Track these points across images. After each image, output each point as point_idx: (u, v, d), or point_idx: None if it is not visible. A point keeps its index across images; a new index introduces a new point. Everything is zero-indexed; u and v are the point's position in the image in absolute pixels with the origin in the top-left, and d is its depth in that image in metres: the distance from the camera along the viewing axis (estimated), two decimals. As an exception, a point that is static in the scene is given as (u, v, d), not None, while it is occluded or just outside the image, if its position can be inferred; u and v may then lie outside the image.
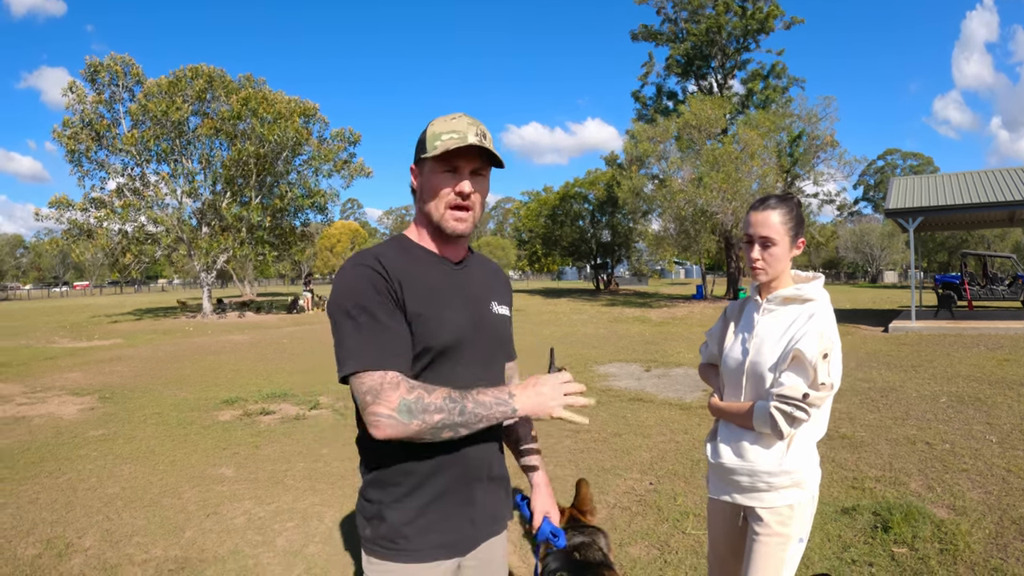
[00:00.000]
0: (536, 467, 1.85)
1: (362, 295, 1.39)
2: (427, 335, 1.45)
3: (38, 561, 3.71)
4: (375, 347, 1.36)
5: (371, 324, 1.38)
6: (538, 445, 1.89)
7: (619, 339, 15.02)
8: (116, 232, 24.18)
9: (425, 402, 1.32)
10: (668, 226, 29.92)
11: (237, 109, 23.83)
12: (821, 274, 2.09)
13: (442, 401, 1.33)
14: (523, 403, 1.39)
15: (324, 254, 59.13)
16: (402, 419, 1.31)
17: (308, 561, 3.68)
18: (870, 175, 78.09)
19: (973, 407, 6.94)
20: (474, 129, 1.45)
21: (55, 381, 10.16)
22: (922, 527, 3.81)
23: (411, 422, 1.31)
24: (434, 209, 1.50)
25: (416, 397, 1.32)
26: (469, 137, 1.43)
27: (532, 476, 1.85)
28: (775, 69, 32.48)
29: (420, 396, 1.32)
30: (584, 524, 2.42)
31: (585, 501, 2.51)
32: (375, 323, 1.38)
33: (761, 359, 1.97)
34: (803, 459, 1.97)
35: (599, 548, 2.27)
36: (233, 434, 6.55)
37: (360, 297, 1.39)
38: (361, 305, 1.39)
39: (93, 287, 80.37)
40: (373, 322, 1.38)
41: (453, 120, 1.47)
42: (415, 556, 1.48)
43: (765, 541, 1.99)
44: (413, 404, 1.31)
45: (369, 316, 1.38)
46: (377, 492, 1.52)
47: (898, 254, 62.34)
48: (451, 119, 1.48)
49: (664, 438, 6.08)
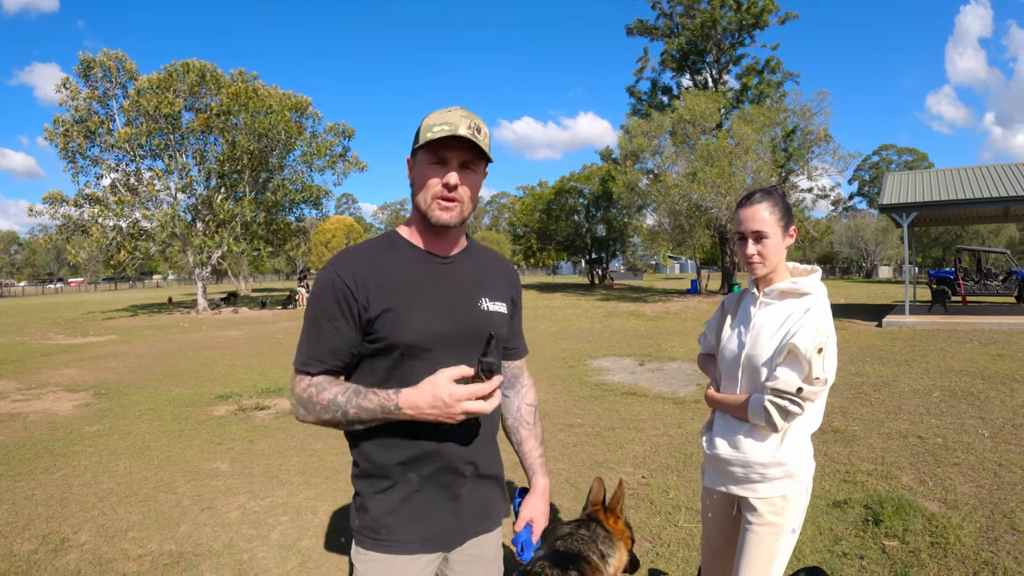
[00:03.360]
0: (536, 471, 1.84)
1: (319, 302, 1.51)
2: (393, 331, 1.47)
3: (34, 556, 3.71)
4: (306, 349, 1.51)
5: (314, 329, 1.51)
6: (541, 449, 1.87)
7: (613, 333, 15.05)
8: (111, 228, 24.10)
9: (313, 400, 1.46)
10: (663, 221, 29.96)
11: (227, 104, 23.75)
12: (818, 267, 2.10)
13: (327, 403, 1.44)
14: (412, 406, 1.40)
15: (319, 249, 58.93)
16: (300, 410, 1.49)
17: (302, 555, 3.69)
18: (865, 170, 78.19)
19: (966, 402, 6.98)
20: (467, 122, 1.44)
21: (50, 377, 10.13)
22: (913, 520, 3.84)
23: (306, 415, 1.48)
24: (422, 200, 1.50)
25: (308, 395, 1.46)
26: (459, 129, 1.42)
27: (532, 480, 1.84)
28: (769, 64, 32.49)
29: (311, 395, 1.46)
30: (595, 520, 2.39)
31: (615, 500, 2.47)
32: (317, 328, 1.51)
33: (757, 352, 1.99)
34: (797, 451, 1.99)
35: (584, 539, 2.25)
36: (228, 429, 6.55)
37: (315, 300, 1.52)
38: (313, 307, 1.52)
39: (87, 284, 79.97)
40: (315, 326, 1.51)
41: (448, 113, 1.47)
42: (398, 547, 1.51)
43: (758, 531, 2.02)
44: (305, 400, 1.47)
45: (314, 320, 1.52)
46: (362, 483, 1.56)
47: (892, 249, 62.54)
48: (446, 112, 1.47)
49: (657, 432, 6.11)
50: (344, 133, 28.56)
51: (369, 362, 1.52)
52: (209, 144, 25.95)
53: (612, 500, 2.44)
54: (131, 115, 23.66)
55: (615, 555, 2.27)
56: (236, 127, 24.46)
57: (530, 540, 1.73)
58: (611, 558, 2.24)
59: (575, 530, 2.29)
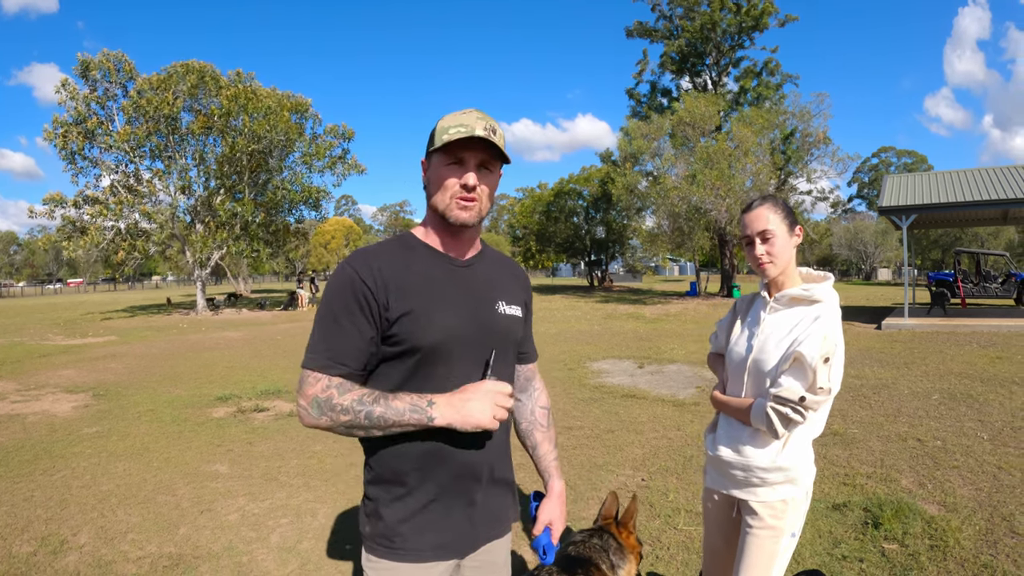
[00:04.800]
0: (552, 475, 1.84)
1: (335, 299, 1.45)
2: (414, 333, 1.44)
3: (33, 558, 3.71)
4: (323, 348, 1.43)
5: (331, 327, 1.45)
6: (556, 452, 1.87)
7: (613, 336, 15.04)
8: (110, 228, 24.09)
9: (333, 402, 1.38)
10: (662, 223, 29.95)
11: (226, 106, 23.75)
12: (831, 275, 2.09)
13: (350, 403, 1.38)
14: (444, 413, 1.38)
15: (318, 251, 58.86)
16: (313, 413, 1.40)
17: (302, 557, 3.69)
18: (864, 172, 78.29)
19: (965, 404, 6.98)
20: (483, 123, 1.45)
21: (49, 378, 10.13)
22: (913, 523, 3.84)
23: (320, 418, 1.39)
24: (440, 200, 1.50)
25: (327, 396, 1.39)
26: (476, 130, 1.43)
27: (548, 483, 1.84)
28: (769, 66, 32.57)
29: (331, 396, 1.39)
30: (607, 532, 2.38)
31: (627, 515, 2.46)
32: (335, 325, 1.44)
33: (764, 357, 2.00)
34: (798, 457, 2.00)
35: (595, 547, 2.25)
36: (227, 431, 6.54)
37: (332, 297, 1.46)
38: (330, 305, 1.46)
39: (87, 284, 80.00)
40: (333, 324, 1.44)
41: (463, 115, 1.47)
42: (412, 556, 1.48)
43: (758, 534, 2.03)
44: (323, 402, 1.39)
45: (331, 318, 1.45)
46: (376, 490, 1.53)
47: (892, 251, 62.58)
48: (461, 114, 1.48)
49: (657, 435, 6.10)
50: (344, 135, 28.58)
51: (386, 366, 1.49)
52: (208, 145, 25.95)
53: (625, 515, 2.44)
54: (130, 115, 23.64)
55: (625, 567, 2.27)
56: (235, 128, 24.45)
57: (551, 543, 1.73)
58: (621, 570, 2.24)
59: (587, 538, 2.29)
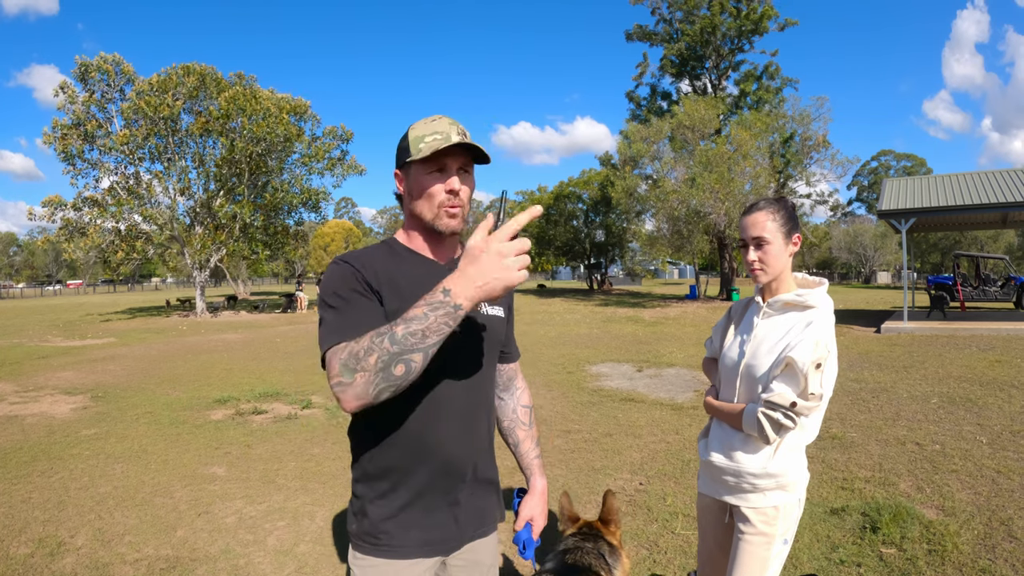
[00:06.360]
0: (534, 472, 1.87)
1: (338, 286, 1.43)
2: None
3: (30, 560, 3.70)
4: (341, 326, 1.36)
5: (343, 306, 1.41)
6: (538, 450, 1.91)
7: (612, 339, 15.04)
8: (109, 230, 24.10)
9: (355, 351, 1.25)
10: (661, 226, 29.96)
11: (225, 108, 23.77)
12: (826, 280, 2.11)
13: (369, 341, 1.24)
14: (464, 291, 1.20)
15: (318, 253, 58.87)
16: (346, 380, 1.24)
17: (299, 560, 3.68)
18: (864, 176, 78.33)
19: (964, 408, 6.98)
20: (455, 128, 1.48)
21: (47, 380, 10.13)
22: (911, 528, 3.84)
23: (353, 379, 1.23)
24: (427, 210, 1.51)
25: (348, 353, 1.26)
26: (452, 136, 1.45)
27: (530, 480, 1.88)
28: (768, 70, 32.66)
29: (351, 350, 1.26)
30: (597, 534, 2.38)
31: (610, 512, 2.46)
32: (346, 304, 1.41)
33: (756, 362, 2.00)
34: (789, 463, 1.99)
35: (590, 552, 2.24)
36: (225, 433, 6.54)
37: (336, 287, 1.43)
38: (336, 293, 1.43)
39: (86, 286, 79.97)
40: (345, 304, 1.41)
41: (434, 122, 1.50)
42: (397, 552, 1.51)
43: (750, 540, 2.03)
44: (348, 360, 1.25)
45: (342, 300, 1.41)
46: (362, 488, 1.55)
47: (891, 255, 62.57)
48: (431, 121, 1.50)
49: (655, 439, 6.10)
50: (343, 136, 28.60)
51: None
52: (208, 147, 25.97)
53: (608, 511, 2.43)
54: (129, 118, 23.65)
55: (619, 566, 2.27)
56: (234, 130, 24.46)
57: (531, 538, 1.77)
58: (616, 569, 2.24)
59: (581, 543, 2.29)
